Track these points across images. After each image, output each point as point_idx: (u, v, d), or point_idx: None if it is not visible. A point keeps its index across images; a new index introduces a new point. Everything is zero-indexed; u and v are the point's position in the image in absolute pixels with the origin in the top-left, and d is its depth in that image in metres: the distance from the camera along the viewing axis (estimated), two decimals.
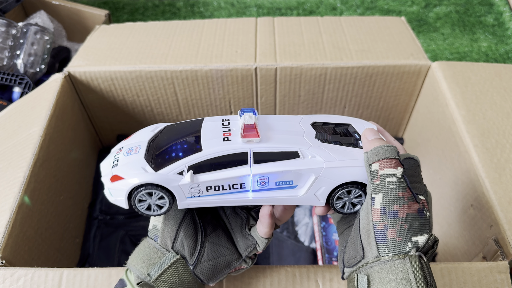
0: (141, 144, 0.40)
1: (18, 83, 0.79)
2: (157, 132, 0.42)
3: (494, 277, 0.45)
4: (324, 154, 0.37)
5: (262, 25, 0.77)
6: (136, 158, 0.38)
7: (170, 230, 0.40)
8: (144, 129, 0.43)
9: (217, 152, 0.37)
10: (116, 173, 0.38)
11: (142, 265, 0.39)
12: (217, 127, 0.39)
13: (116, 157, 0.40)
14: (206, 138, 0.38)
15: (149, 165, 0.37)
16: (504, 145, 0.55)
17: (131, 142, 0.42)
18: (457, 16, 1.26)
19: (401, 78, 0.70)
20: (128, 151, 0.40)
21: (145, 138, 0.41)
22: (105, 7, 1.29)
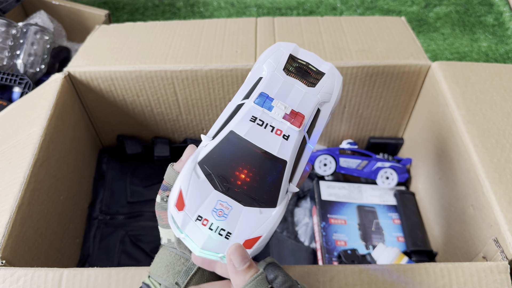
0: (213, 197, 0.36)
1: (18, 83, 0.79)
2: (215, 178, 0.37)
3: (494, 277, 0.45)
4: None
5: (262, 25, 0.77)
6: (243, 215, 0.35)
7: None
8: (183, 173, 0.36)
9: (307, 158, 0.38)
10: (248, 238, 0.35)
11: (167, 275, 0.38)
12: (261, 132, 0.37)
13: (209, 226, 0.35)
14: (275, 149, 0.36)
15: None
16: (504, 145, 0.55)
17: (198, 201, 0.36)
18: (457, 16, 1.26)
19: (401, 78, 0.70)
20: (219, 213, 0.35)
21: (204, 189, 0.36)
22: (105, 7, 1.29)
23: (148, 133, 0.81)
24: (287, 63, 0.41)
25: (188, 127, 0.80)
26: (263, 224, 0.36)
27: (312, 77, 0.41)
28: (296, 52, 0.42)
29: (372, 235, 0.72)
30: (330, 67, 0.42)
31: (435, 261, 0.68)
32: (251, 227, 0.35)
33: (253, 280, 0.32)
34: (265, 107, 0.37)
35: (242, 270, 0.33)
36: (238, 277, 0.33)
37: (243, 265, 0.33)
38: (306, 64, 0.41)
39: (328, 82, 0.41)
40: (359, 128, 0.80)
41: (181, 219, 0.35)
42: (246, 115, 0.37)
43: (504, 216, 0.48)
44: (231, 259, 0.33)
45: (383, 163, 0.77)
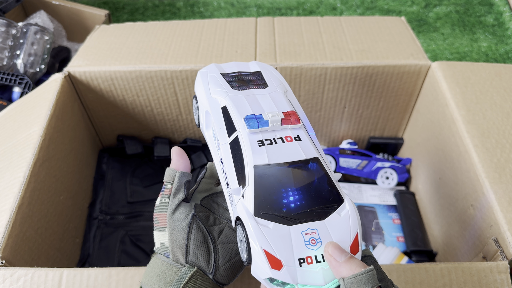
0: (295, 233, 0.33)
1: (18, 83, 0.79)
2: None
3: (494, 277, 0.45)
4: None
5: (262, 25, 0.77)
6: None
7: (180, 244, 0.39)
8: (253, 234, 0.33)
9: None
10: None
11: (159, 284, 0.38)
12: (277, 148, 0.36)
13: (315, 261, 0.33)
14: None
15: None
16: (504, 145, 0.55)
17: (288, 248, 0.33)
18: (457, 16, 1.26)
19: (401, 78, 0.70)
20: (312, 242, 0.33)
21: (282, 234, 0.33)
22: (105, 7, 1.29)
23: (148, 133, 0.81)
24: (227, 82, 0.41)
25: (188, 127, 0.80)
26: (350, 221, 0.34)
27: (256, 80, 0.41)
28: (221, 69, 0.43)
29: (372, 235, 0.72)
30: (257, 63, 0.43)
31: (435, 261, 0.68)
32: (345, 232, 0.34)
33: (366, 273, 0.30)
34: (261, 126, 0.36)
35: (344, 261, 0.31)
36: (344, 268, 0.31)
37: (345, 256, 0.31)
38: (238, 73, 0.42)
39: (270, 75, 0.42)
40: (359, 128, 0.80)
41: (288, 275, 0.32)
42: (253, 144, 0.35)
43: (504, 216, 0.48)
44: (331, 255, 0.32)
45: (383, 163, 0.77)
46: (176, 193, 0.40)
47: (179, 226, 0.39)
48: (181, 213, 0.39)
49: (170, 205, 0.40)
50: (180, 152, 0.43)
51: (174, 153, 0.43)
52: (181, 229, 0.39)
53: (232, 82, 0.41)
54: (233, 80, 0.41)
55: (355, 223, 0.34)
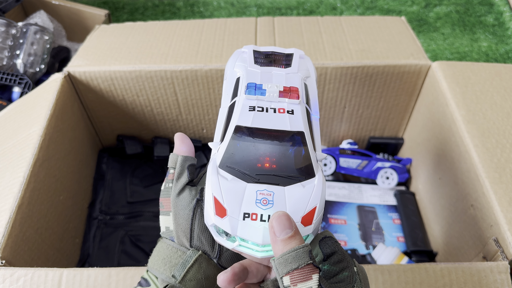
0: (250, 190, 0.34)
1: (18, 83, 0.79)
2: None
3: (494, 277, 0.45)
4: None
5: (262, 25, 0.77)
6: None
7: (184, 229, 0.39)
8: (210, 181, 0.35)
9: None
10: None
11: (164, 268, 0.38)
12: (265, 116, 0.37)
13: (260, 219, 0.33)
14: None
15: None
16: (504, 145, 0.55)
17: (238, 200, 0.34)
18: (457, 16, 1.26)
19: (401, 78, 0.70)
20: (263, 202, 0.34)
21: (237, 187, 0.34)
22: (105, 7, 1.29)
23: (148, 133, 0.81)
24: (255, 58, 0.42)
25: (188, 127, 0.80)
26: (312, 194, 0.34)
27: (283, 60, 0.42)
28: (257, 48, 0.44)
29: (372, 235, 0.72)
30: (295, 50, 0.43)
31: (435, 261, 0.68)
32: (302, 203, 0.33)
33: (292, 252, 0.29)
34: (258, 94, 0.37)
35: (282, 239, 0.30)
36: (277, 246, 0.30)
37: (284, 235, 0.30)
38: (272, 52, 0.43)
39: (300, 61, 0.42)
40: (359, 128, 0.80)
41: (228, 224, 0.32)
42: (243, 108, 0.37)
43: (504, 216, 0.48)
44: (273, 226, 0.30)
45: (383, 163, 0.77)
46: (179, 177, 0.40)
47: (183, 211, 0.39)
48: (185, 197, 0.39)
49: (174, 189, 0.40)
50: (183, 137, 0.43)
51: (177, 138, 0.43)
52: (185, 214, 0.39)
53: (259, 58, 0.42)
54: (262, 57, 0.42)
55: (317, 197, 0.34)
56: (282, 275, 0.29)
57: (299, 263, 0.29)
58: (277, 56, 0.43)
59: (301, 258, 0.29)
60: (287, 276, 0.29)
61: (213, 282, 0.39)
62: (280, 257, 0.29)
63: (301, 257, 0.29)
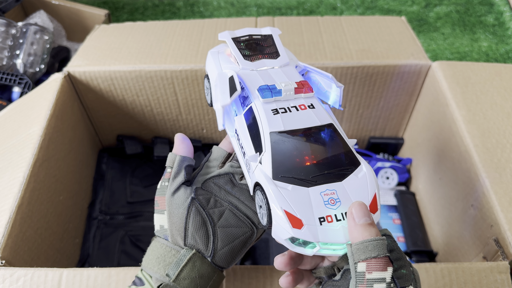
0: (315, 194, 0.34)
1: (18, 83, 0.79)
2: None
3: (494, 277, 0.45)
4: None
5: (262, 25, 0.77)
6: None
7: (178, 227, 0.39)
8: (273, 196, 0.34)
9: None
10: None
11: (158, 267, 0.39)
12: (292, 116, 0.37)
13: (336, 219, 0.33)
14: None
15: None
16: (505, 145, 0.55)
17: (308, 208, 0.34)
18: (457, 16, 1.26)
19: (401, 78, 0.70)
20: (331, 202, 0.34)
21: (301, 195, 0.34)
22: (105, 7, 1.29)
23: (148, 133, 0.81)
24: (239, 49, 0.41)
25: (188, 127, 0.79)
26: (368, 182, 0.35)
27: (267, 48, 0.42)
28: (233, 34, 0.43)
29: None
30: (271, 30, 0.44)
31: (435, 261, 0.68)
32: (363, 193, 0.34)
33: (373, 241, 0.30)
34: (275, 95, 0.37)
35: (361, 225, 0.31)
36: (356, 231, 0.31)
37: (364, 221, 0.31)
38: (250, 36, 0.42)
39: (281, 44, 0.43)
40: (359, 128, 0.80)
41: (309, 233, 0.32)
42: (268, 113, 0.36)
43: (504, 216, 0.48)
44: (352, 213, 0.32)
45: (383, 163, 0.77)
46: (175, 176, 0.41)
47: (177, 209, 0.39)
48: (180, 196, 0.40)
49: (169, 188, 0.41)
50: (182, 137, 0.43)
51: (177, 139, 0.44)
52: (179, 212, 0.39)
53: (244, 49, 0.41)
54: (245, 46, 0.41)
55: (373, 184, 0.35)
56: (359, 260, 0.30)
57: (378, 253, 0.30)
58: (258, 40, 0.42)
59: (381, 248, 0.30)
60: (363, 262, 0.30)
61: (207, 280, 0.39)
62: (360, 243, 0.30)
63: (381, 247, 0.30)
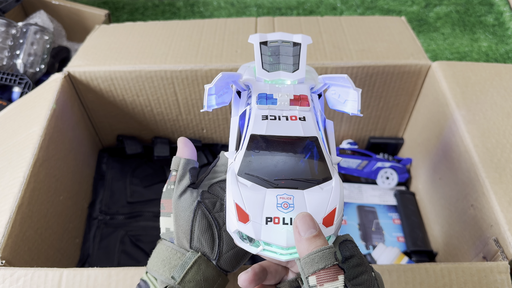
0: (270, 195, 0.35)
1: (18, 83, 0.79)
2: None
3: (494, 277, 0.45)
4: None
5: (262, 25, 0.77)
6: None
7: (184, 230, 0.39)
8: (230, 189, 0.35)
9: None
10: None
11: (164, 269, 0.39)
12: (278, 124, 0.38)
13: (282, 222, 0.34)
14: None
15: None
16: (505, 145, 0.55)
17: (259, 205, 0.34)
18: (457, 16, 1.26)
19: (401, 78, 0.70)
20: (284, 206, 0.34)
21: (257, 193, 0.35)
22: (105, 7, 1.29)
23: (148, 133, 0.81)
24: (261, 56, 0.42)
25: (188, 127, 0.80)
26: (331, 196, 0.34)
27: (291, 56, 0.42)
28: (264, 38, 0.43)
29: (372, 235, 0.72)
30: (302, 38, 0.43)
31: (435, 261, 0.68)
32: (322, 205, 0.34)
33: (319, 252, 0.30)
34: (269, 103, 0.38)
35: (307, 238, 0.31)
36: (302, 245, 0.31)
37: (309, 234, 0.31)
38: (279, 43, 0.43)
39: (305, 57, 0.43)
40: (359, 128, 0.80)
41: (252, 229, 0.33)
42: (256, 117, 0.38)
43: (504, 216, 0.48)
44: (297, 226, 0.31)
45: (383, 163, 0.77)
46: (181, 179, 0.41)
47: (184, 212, 0.40)
48: (186, 199, 0.40)
49: (175, 191, 0.41)
50: (186, 141, 0.44)
51: (180, 142, 0.44)
52: (186, 215, 0.39)
53: (269, 56, 0.42)
54: (271, 52, 0.42)
55: (336, 198, 0.34)
56: (308, 274, 0.30)
57: (326, 263, 0.29)
58: (285, 47, 0.43)
59: (328, 258, 0.29)
60: (313, 276, 0.29)
61: (212, 283, 0.39)
62: (306, 257, 0.30)
63: (327, 257, 0.29)
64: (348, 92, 0.41)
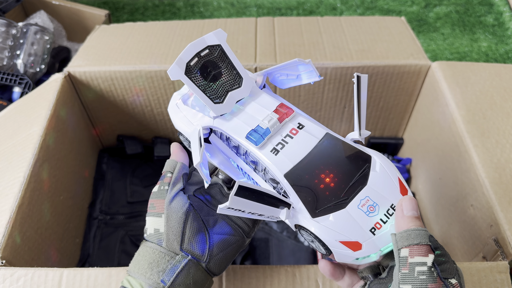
0: (352, 210, 0.35)
1: (18, 83, 0.79)
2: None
3: (494, 277, 0.45)
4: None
5: (262, 25, 0.77)
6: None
7: (175, 231, 0.39)
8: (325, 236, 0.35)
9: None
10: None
11: (151, 273, 0.38)
12: (290, 146, 0.36)
13: (384, 223, 0.35)
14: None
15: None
16: (504, 145, 0.55)
17: (357, 227, 0.35)
18: (457, 16, 1.26)
19: (401, 78, 0.70)
20: (370, 209, 0.35)
21: (347, 218, 0.35)
22: (105, 7, 1.29)
23: (148, 133, 0.81)
24: (198, 86, 0.36)
25: None
26: (387, 171, 0.36)
27: (224, 68, 0.38)
28: (181, 64, 0.36)
29: None
30: (214, 34, 0.38)
31: None
32: (389, 183, 0.36)
33: (416, 230, 0.32)
34: (265, 136, 0.36)
35: (408, 216, 0.33)
36: (402, 221, 0.33)
37: (411, 214, 0.33)
38: (199, 58, 0.37)
39: (231, 51, 0.39)
40: None
41: (370, 248, 0.34)
42: (269, 157, 0.36)
43: (504, 216, 0.48)
44: (401, 205, 0.34)
45: None
46: (176, 182, 0.41)
47: (176, 214, 0.39)
48: (179, 201, 0.40)
49: (169, 192, 0.41)
50: (180, 146, 0.45)
51: (175, 147, 0.44)
52: (178, 217, 0.39)
53: (204, 83, 0.37)
54: (201, 76, 0.37)
55: (392, 170, 0.36)
56: (402, 247, 0.33)
57: (420, 241, 0.32)
58: (209, 60, 0.37)
59: (423, 237, 0.32)
60: (406, 248, 0.32)
61: (200, 287, 0.39)
62: (403, 232, 0.33)
63: (423, 236, 0.32)
64: (296, 68, 0.41)
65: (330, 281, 0.44)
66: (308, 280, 0.45)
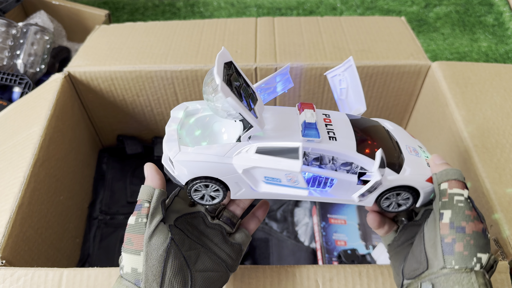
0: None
1: (18, 83, 0.79)
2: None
3: (494, 277, 0.45)
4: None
5: (262, 25, 0.77)
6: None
7: (155, 272, 0.36)
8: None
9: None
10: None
11: None
12: (338, 137, 0.39)
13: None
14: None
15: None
16: (504, 145, 0.55)
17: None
18: (457, 16, 1.26)
19: (401, 78, 0.70)
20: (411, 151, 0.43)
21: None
22: (105, 7, 1.29)
23: (148, 133, 0.81)
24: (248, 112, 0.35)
25: None
26: (396, 127, 0.46)
27: (240, 82, 0.37)
28: (227, 92, 0.33)
29: (372, 235, 0.72)
30: (219, 55, 0.35)
31: None
32: (405, 134, 0.46)
33: (452, 169, 0.38)
34: (317, 130, 0.37)
35: (442, 163, 0.40)
36: (437, 168, 0.39)
37: (443, 161, 0.40)
38: (230, 74, 0.36)
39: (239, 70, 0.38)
40: None
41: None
42: (334, 144, 0.38)
43: (504, 216, 0.48)
44: (433, 159, 0.41)
45: None
46: (154, 213, 0.38)
47: (156, 251, 0.36)
48: (158, 236, 0.37)
49: (148, 227, 0.37)
50: (155, 167, 0.40)
51: (149, 169, 0.40)
52: (158, 255, 0.36)
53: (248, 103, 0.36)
54: (246, 97, 0.36)
55: (394, 125, 0.46)
56: (442, 181, 0.38)
57: (457, 177, 0.38)
58: (241, 80, 0.37)
59: (459, 175, 0.38)
60: (446, 182, 0.38)
61: None
62: (443, 170, 0.39)
63: (459, 174, 0.38)
64: (274, 79, 0.42)
65: (330, 281, 0.44)
66: (308, 280, 0.45)
